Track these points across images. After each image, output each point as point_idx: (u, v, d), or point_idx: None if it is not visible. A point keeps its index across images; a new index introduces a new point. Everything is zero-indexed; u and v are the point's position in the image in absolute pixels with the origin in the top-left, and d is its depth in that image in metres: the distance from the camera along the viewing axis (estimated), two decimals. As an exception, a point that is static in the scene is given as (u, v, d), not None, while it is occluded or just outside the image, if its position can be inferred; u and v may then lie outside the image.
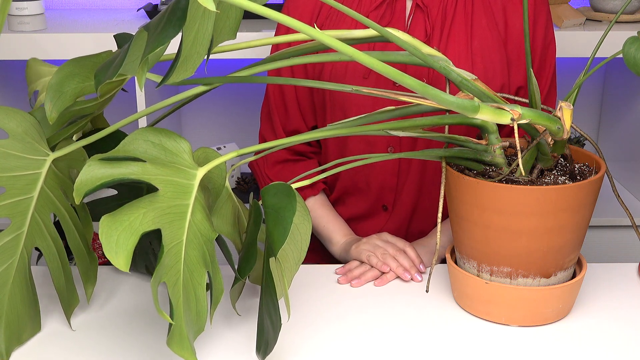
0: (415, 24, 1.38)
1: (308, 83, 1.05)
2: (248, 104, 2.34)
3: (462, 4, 1.38)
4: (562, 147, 1.08)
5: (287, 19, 0.78)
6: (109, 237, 0.84)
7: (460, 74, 1.06)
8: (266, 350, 0.96)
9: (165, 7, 0.82)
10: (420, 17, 1.38)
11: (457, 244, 1.12)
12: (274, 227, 0.92)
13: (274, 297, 0.92)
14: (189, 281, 0.90)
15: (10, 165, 0.98)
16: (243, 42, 1.09)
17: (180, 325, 0.87)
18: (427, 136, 1.07)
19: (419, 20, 1.38)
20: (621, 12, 1.07)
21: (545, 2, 1.43)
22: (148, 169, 0.90)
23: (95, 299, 1.16)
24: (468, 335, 1.07)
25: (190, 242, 0.90)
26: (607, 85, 2.37)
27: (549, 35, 1.43)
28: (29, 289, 1.03)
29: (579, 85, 1.07)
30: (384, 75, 0.84)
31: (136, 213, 0.86)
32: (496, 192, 1.02)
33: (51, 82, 0.95)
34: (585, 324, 1.10)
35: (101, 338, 1.06)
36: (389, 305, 1.14)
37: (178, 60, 0.87)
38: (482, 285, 1.08)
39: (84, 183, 0.88)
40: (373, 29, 0.92)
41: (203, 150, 0.99)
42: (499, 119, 1.00)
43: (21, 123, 0.99)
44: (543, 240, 1.03)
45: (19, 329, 1.03)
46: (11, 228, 1.00)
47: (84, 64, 0.98)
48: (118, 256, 0.83)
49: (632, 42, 0.98)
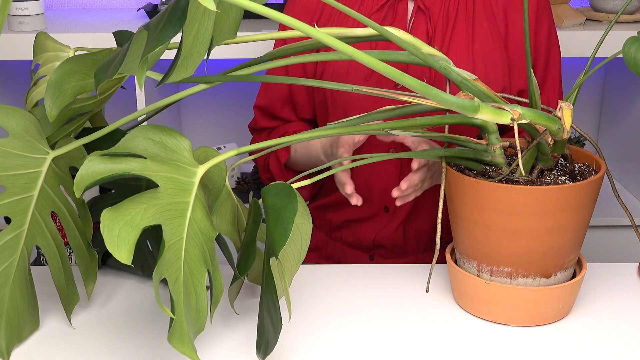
0: (417, 25, 1.38)
1: (309, 82, 1.05)
2: (248, 105, 2.34)
3: (464, 6, 1.38)
4: (562, 147, 1.08)
5: (287, 18, 0.78)
6: (111, 230, 0.84)
7: (461, 74, 1.06)
8: (266, 350, 0.95)
9: (165, 7, 0.82)
10: (421, 19, 1.38)
11: (457, 244, 1.12)
12: (275, 227, 0.92)
13: (274, 297, 0.92)
14: (189, 279, 0.90)
15: (10, 164, 0.99)
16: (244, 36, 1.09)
17: (180, 321, 0.87)
18: (427, 136, 1.07)
19: (420, 22, 1.38)
20: (621, 12, 1.07)
21: (548, 5, 1.43)
22: (149, 166, 0.91)
23: (96, 298, 1.16)
24: (468, 335, 1.07)
25: (190, 240, 0.91)
26: (607, 85, 2.37)
27: (552, 37, 1.43)
28: (29, 287, 1.04)
29: (579, 85, 1.07)
30: (384, 74, 0.84)
31: (137, 208, 0.87)
32: (496, 192, 1.02)
33: (51, 79, 0.95)
34: (585, 324, 1.10)
35: (102, 337, 1.07)
36: (389, 305, 1.14)
37: (178, 60, 0.87)
38: (482, 285, 1.08)
39: (84, 177, 0.88)
40: (373, 28, 0.92)
41: (203, 150, 0.99)
42: (499, 119, 1.00)
43: (21, 121, 1.00)
44: (543, 240, 1.03)
45: (19, 327, 1.03)
46: (12, 227, 1.00)
47: (84, 61, 0.98)
48: (120, 250, 0.83)
49: (632, 42, 0.98)
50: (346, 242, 1.53)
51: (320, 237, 1.57)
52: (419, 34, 1.38)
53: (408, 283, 1.21)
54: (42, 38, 1.14)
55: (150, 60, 0.87)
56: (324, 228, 1.56)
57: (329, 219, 1.53)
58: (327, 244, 1.56)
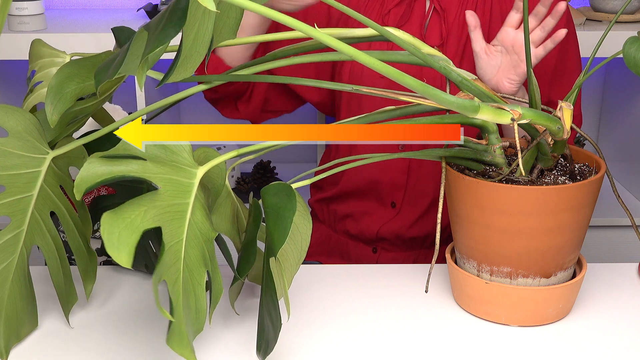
0: (432, 27, 1.39)
1: (310, 82, 1.05)
2: (248, 104, 2.33)
3: (481, 12, 1.38)
4: (562, 147, 1.08)
5: (288, 18, 0.78)
6: (111, 234, 0.84)
7: (461, 74, 1.06)
8: (266, 350, 0.95)
9: (165, 7, 0.83)
10: (436, 21, 1.38)
11: (457, 244, 1.12)
12: (274, 226, 0.92)
13: (274, 297, 0.92)
14: (188, 280, 0.90)
15: (9, 164, 0.99)
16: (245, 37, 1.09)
17: (179, 323, 0.87)
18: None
19: (435, 23, 1.38)
20: (621, 12, 1.07)
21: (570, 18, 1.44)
22: (148, 167, 0.91)
23: (95, 298, 1.16)
24: (468, 335, 1.07)
25: (190, 241, 0.91)
26: (607, 85, 2.37)
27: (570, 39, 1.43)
28: (28, 287, 1.04)
29: (579, 85, 1.07)
30: (384, 75, 0.84)
31: (137, 211, 0.87)
32: (496, 192, 1.02)
33: (51, 84, 0.95)
34: (585, 324, 1.10)
35: (100, 336, 1.07)
36: (389, 305, 1.14)
37: (178, 60, 0.87)
38: (482, 285, 1.08)
39: (84, 179, 0.88)
40: (372, 28, 0.92)
41: (203, 150, 0.99)
42: (499, 119, 1.00)
43: (20, 121, 1.00)
44: (543, 240, 1.03)
45: (18, 326, 1.03)
46: (11, 226, 1.00)
47: (83, 64, 0.98)
48: (120, 253, 0.83)
49: (632, 42, 0.98)
50: (349, 234, 1.53)
51: (324, 231, 1.57)
52: (433, 35, 1.38)
53: (408, 283, 1.21)
54: (38, 45, 1.14)
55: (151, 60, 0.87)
56: (328, 220, 1.56)
57: (333, 210, 1.53)
58: (330, 237, 1.56)
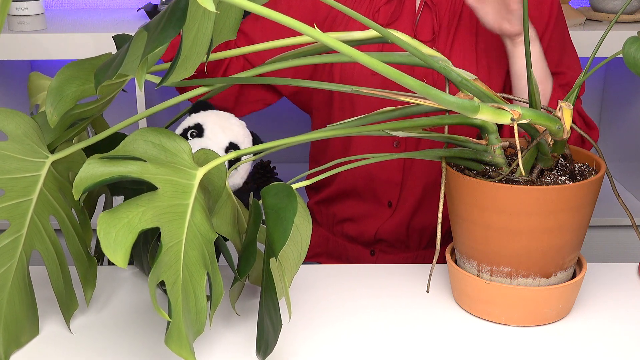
0: (423, 22, 1.39)
1: (310, 84, 1.05)
2: (248, 104, 2.33)
3: None
4: (562, 147, 1.08)
5: (287, 19, 0.78)
6: (108, 234, 0.84)
7: (460, 74, 1.06)
8: (266, 351, 0.95)
9: (165, 7, 0.83)
10: (428, 15, 1.38)
11: (457, 244, 1.12)
12: (275, 227, 0.92)
13: (274, 298, 0.92)
14: (188, 281, 0.90)
15: (9, 168, 0.98)
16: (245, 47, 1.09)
17: (178, 323, 0.87)
18: (427, 136, 1.07)
19: (426, 18, 1.38)
20: (621, 12, 1.06)
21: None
22: (148, 168, 0.91)
23: (94, 301, 1.16)
24: (468, 335, 1.07)
25: (189, 242, 0.90)
26: (607, 85, 2.37)
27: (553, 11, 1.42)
28: (27, 292, 1.03)
29: (579, 85, 1.07)
30: (384, 75, 0.84)
31: (135, 211, 0.86)
32: (496, 192, 1.02)
33: (51, 85, 0.95)
34: (585, 324, 1.10)
35: (100, 340, 1.06)
36: (389, 305, 1.14)
37: (178, 60, 0.87)
38: (482, 285, 1.08)
39: (83, 180, 0.88)
40: (374, 29, 0.92)
41: (203, 152, 0.99)
42: (499, 119, 1.00)
43: (20, 125, 0.99)
44: (543, 240, 1.03)
45: (18, 332, 1.02)
46: (10, 230, 0.99)
47: (83, 66, 0.98)
48: (116, 253, 0.83)
49: (632, 42, 0.98)
50: (348, 236, 1.52)
51: (322, 234, 1.57)
52: (425, 30, 1.38)
53: (408, 283, 1.21)
54: (35, 78, 1.14)
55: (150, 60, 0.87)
56: (326, 223, 1.56)
57: (332, 212, 1.53)
58: (328, 240, 1.56)
